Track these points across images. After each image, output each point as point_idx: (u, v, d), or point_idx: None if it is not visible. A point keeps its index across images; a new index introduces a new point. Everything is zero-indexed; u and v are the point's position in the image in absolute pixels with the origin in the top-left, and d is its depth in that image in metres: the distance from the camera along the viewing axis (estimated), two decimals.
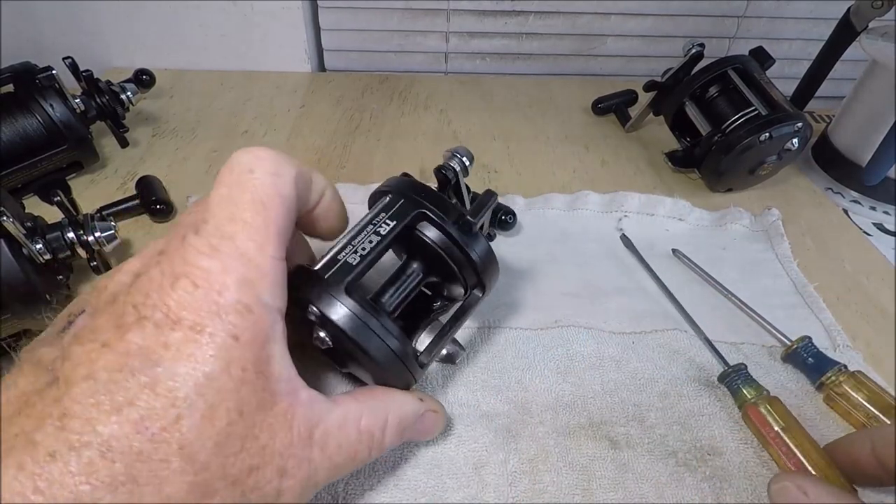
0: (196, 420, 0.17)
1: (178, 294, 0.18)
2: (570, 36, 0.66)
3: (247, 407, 0.18)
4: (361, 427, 0.22)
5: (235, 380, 0.18)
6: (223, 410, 0.18)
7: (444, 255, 0.27)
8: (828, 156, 0.52)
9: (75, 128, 0.43)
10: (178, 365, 0.17)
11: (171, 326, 0.18)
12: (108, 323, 0.18)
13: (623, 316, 0.35)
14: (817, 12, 0.64)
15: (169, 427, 0.17)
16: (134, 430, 0.16)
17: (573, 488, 0.27)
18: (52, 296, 0.31)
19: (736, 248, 0.42)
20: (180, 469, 0.17)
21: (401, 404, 0.25)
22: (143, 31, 0.62)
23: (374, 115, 0.58)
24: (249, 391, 0.18)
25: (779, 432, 0.27)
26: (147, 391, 0.17)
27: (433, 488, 0.26)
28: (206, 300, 0.18)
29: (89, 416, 0.16)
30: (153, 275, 0.19)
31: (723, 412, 0.30)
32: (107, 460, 0.16)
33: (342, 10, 0.63)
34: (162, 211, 0.42)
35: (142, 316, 0.18)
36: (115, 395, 0.17)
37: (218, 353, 0.18)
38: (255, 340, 0.19)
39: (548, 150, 0.53)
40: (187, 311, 0.18)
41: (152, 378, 0.17)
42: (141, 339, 0.17)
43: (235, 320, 0.18)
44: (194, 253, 0.19)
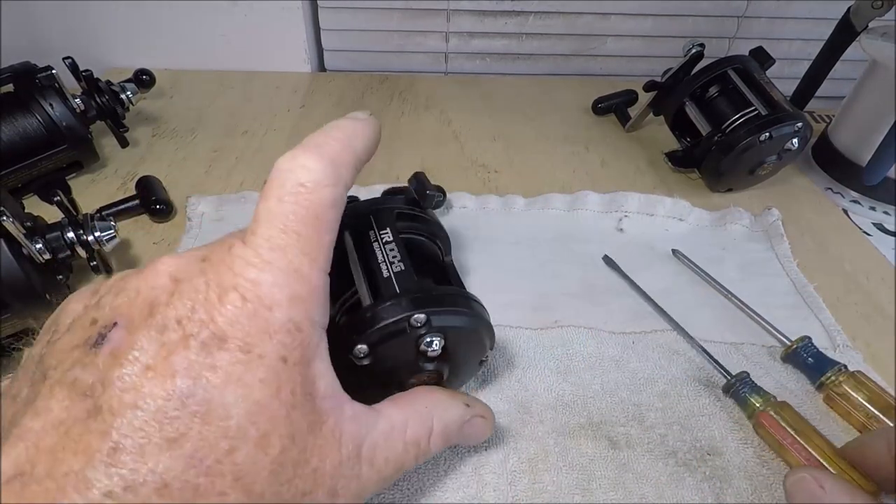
0: (250, 450, 0.16)
1: (227, 309, 0.17)
2: (570, 36, 0.66)
3: (298, 431, 0.18)
4: (408, 437, 0.22)
5: (286, 404, 0.17)
6: (276, 438, 0.17)
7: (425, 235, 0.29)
8: (828, 156, 0.52)
9: (75, 127, 0.43)
10: (228, 391, 0.16)
11: (219, 346, 0.17)
12: (150, 342, 0.16)
13: (623, 316, 0.35)
14: (817, 12, 0.64)
15: (223, 459, 0.16)
16: (188, 465, 0.15)
17: (573, 488, 0.27)
18: (52, 296, 0.31)
19: (736, 248, 0.42)
20: (236, 501, 0.16)
21: (446, 409, 0.24)
22: (143, 31, 0.62)
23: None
24: (299, 415, 0.18)
25: (795, 437, 0.27)
26: (197, 421, 0.16)
27: (432, 487, 0.26)
28: (256, 317, 0.17)
29: (141, 450, 0.15)
30: (198, 284, 0.17)
31: (723, 412, 0.30)
32: (164, 497, 0.15)
33: (342, 10, 0.63)
34: (162, 211, 0.42)
35: (187, 333, 0.17)
36: (166, 426, 0.16)
37: (268, 376, 0.17)
38: (302, 360, 0.18)
39: (548, 150, 0.53)
40: (235, 329, 0.17)
41: (202, 407, 0.16)
42: (187, 361, 0.16)
43: (285, 340, 0.17)
44: (243, 264, 0.18)
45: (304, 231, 0.18)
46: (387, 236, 0.26)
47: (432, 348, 0.23)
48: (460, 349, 0.25)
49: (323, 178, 0.19)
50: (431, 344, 0.23)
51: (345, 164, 0.20)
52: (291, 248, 0.18)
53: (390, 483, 0.22)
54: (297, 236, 0.18)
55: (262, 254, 0.18)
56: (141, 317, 0.17)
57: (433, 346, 0.23)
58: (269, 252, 0.18)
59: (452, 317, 0.24)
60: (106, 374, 0.16)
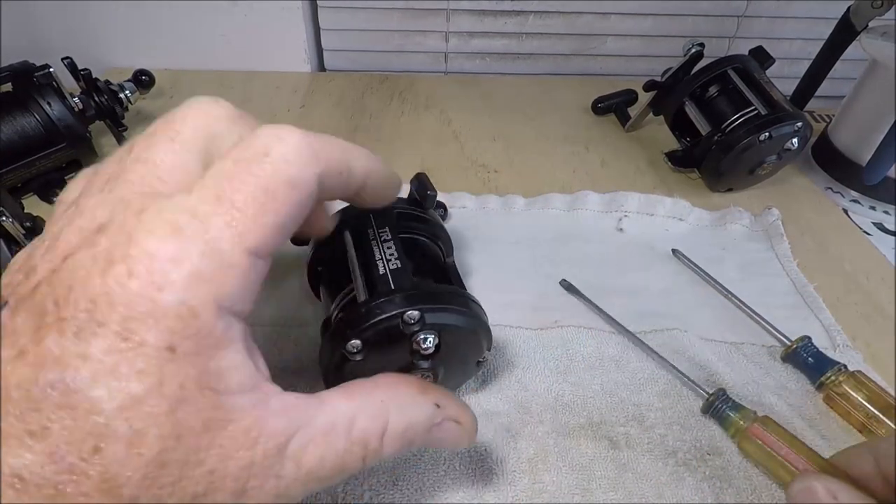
0: (119, 450, 0.14)
1: (108, 286, 0.15)
2: (570, 36, 0.66)
3: (187, 430, 0.15)
4: (353, 434, 0.18)
5: (170, 400, 0.15)
6: (153, 437, 0.15)
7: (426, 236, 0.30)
8: (828, 155, 0.52)
9: (74, 126, 0.43)
10: (99, 383, 0.14)
11: (94, 331, 0.14)
12: (27, 323, 0.15)
13: (623, 316, 0.35)
14: (817, 12, 0.64)
15: (88, 458, 0.14)
16: (49, 461, 0.14)
17: (573, 488, 0.27)
18: None
19: (736, 248, 0.42)
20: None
21: (409, 406, 0.20)
22: (143, 31, 0.62)
23: (373, 115, 0.58)
24: (190, 411, 0.15)
25: (788, 447, 0.26)
26: (62, 414, 0.14)
27: (432, 488, 0.26)
28: (140, 296, 0.15)
29: (0, 441, 0.14)
30: (82, 259, 0.15)
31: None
32: (19, 492, 0.14)
33: (342, 10, 0.63)
34: None
35: (61, 316, 0.15)
36: (27, 418, 0.14)
37: (147, 368, 0.15)
38: (198, 351, 0.15)
39: (548, 150, 0.53)
40: (114, 311, 0.15)
41: (68, 399, 0.14)
42: (58, 346, 0.14)
43: (174, 325, 0.15)
44: (145, 232, 0.15)
45: (243, 203, 0.16)
46: (385, 234, 0.26)
47: (426, 346, 0.23)
48: (455, 348, 0.25)
49: (292, 156, 0.17)
50: (425, 341, 0.23)
51: (330, 160, 0.18)
52: (217, 217, 0.16)
53: (331, 483, 0.19)
54: (231, 206, 0.16)
55: (176, 220, 0.15)
56: (26, 296, 0.15)
57: (427, 344, 0.23)
58: (188, 219, 0.15)
59: (447, 315, 0.24)
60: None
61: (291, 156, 0.17)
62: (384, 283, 0.24)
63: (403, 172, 0.50)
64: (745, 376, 0.32)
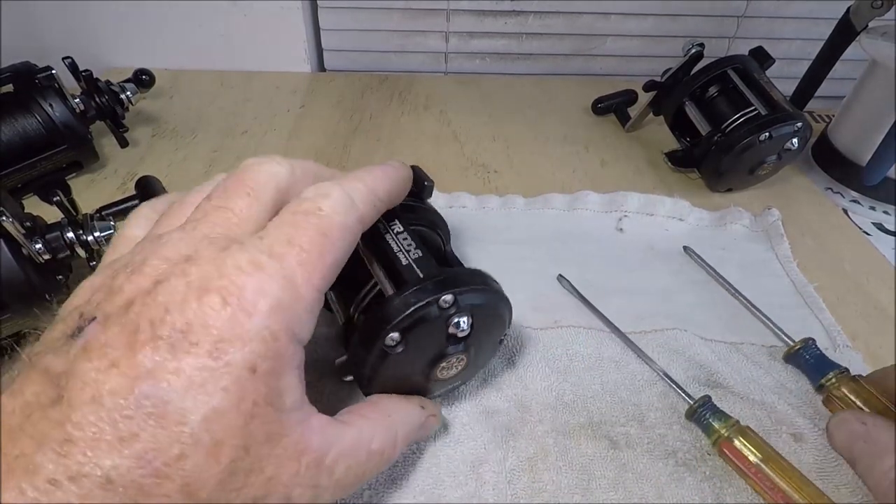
0: (200, 458, 0.16)
1: (203, 310, 0.17)
2: (570, 36, 0.66)
3: (254, 442, 0.17)
4: (373, 447, 0.22)
5: (245, 415, 0.17)
6: (229, 447, 0.17)
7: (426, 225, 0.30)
8: (828, 156, 0.52)
9: (75, 128, 0.43)
10: (188, 396, 0.16)
11: (187, 350, 0.16)
12: (120, 338, 0.17)
13: (623, 316, 0.35)
14: (817, 12, 0.64)
15: (172, 463, 0.16)
16: (136, 465, 0.16)
17: (572, 487, 0.27)
18: (52, 296, 0.31)
19: (736, 248, 0.42)
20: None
21: (407, 415, 0.25)
22: (143, 31, 0.62)
23: (373, 115, 0.58)
24: (258, 425, 0.17)
25: (758, 464, 0.26)
26: (152, 423, 0.16)
27: (431, 486, 0.26)
28: (231, 321, 0.17)
29: (91, 444, 0.15)
30: (177, 286, 0.17)
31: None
32: (107, 492, 0.15)
33: (342, 10, 0.63)
34: None
35: (157, 335, 0.17)
36: (119, 425, 0.16)
37: (231, 385, 0.17)
38: (272, 373, 0.18)
39: (548, 150, 0.53)
40: (207, 333, 0.17)
41: (159, 409, 0.16)
42: (152, 362, 0.16)
43: (258, 349, 0.17)
44: (233, 266, 0.18)
45: (308, 246, 0.19)
46: (397, 227, 0.26)
47: (461, 328, 0.24)
48: (485, 327, 0.26)
49: (339, 207, 0.21)
50: (460, 324, 0.24)
51: (362, 201, 0.22)
52: (290, 257, 0.19)
53: (351, 490, 0.22)
54: (300, 249, 0.19)
55: (257, 258, 0.18)
56: (117, 314, 0.17)
57: (462, 326, 0.24)
58: (267, 258, 0.18)
59: (478, 295, 0.24)
60: (73, 366, 0.16)
61: (339, 207, 0.21)
62: (411, 273, 0.24)
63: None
64: (745, 376, 0.32)
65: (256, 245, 0.19)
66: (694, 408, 0.29)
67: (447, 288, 0.23)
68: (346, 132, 0.55)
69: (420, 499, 0.26)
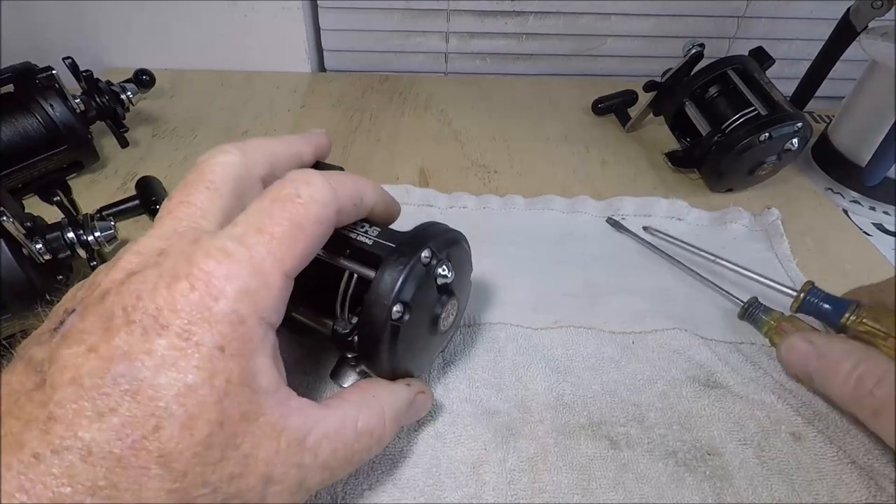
0: (175, 430, 0.17)
1: (173, 296, 0.18)
2: (570, 36, 0.66)
3: (228, 419, 0.18)
4: (360, 428, 0.22)
5: (218, 391, 0.18)
6: (203, 421, 0.18)
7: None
8: (828, 156, 0.52)
9: (75, 128, 0.43)
10: (161, 374, 0.17)
11: (158, 332, 0.18)
12: (96, 325, 0.18)
13: (623, 316, 0.35)
14: (817, 12, 0.64)
15: (148, 435, 0.17)
16: (115, 437, 0.17)
17: (573, 488, 0.27)
18: (52, 296, 0.31)
19: (735, 248, 0.42)
20: (159, 476, 0.17)
21: (392, 394, 0.25)
22: (143, 31, 0.62)
23: (373, 115, 0.58)
24: (232, 402, 0.18)
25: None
26: (128, 398, 0.17)
27: (431, 487, 0.26)
28: (199, 305, 0.18)
29: (72, 420, 0.17)
30: (148, 275, 0.19)
31: (722, 412, 0.30)
32: (87, 464, 0.16)
33: (342, 10, 0.63)
34: None
35: (130, 319, 0.18)
36: (97, 401, 0.17)
37: (202, 363, 0.18)
38: (241, 352, 0.19)
39: (548, 150, 0.53)
40: (177, 316, 0.18)
41: (134, 386, 0.17)
42: (126, 344, 0.17)
43: (225, 330, 0.18)
44: (203, 255, 0.19)
45: (280, 235, 0.20)
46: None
47: (447, 275, 0.25)
48: (460, 266, 0.27)
49: (318, 196, 0.21)
50: (445, 272, 0.25)
51: (347, 197, 0.22)
52: (260, 246, 0.19)
53: (344, 473, 0.23)
54: (271, 237, 0.20)
55: (227, 246, 0.19)
56: (93, 304, 0.19)
57: (446, 273, 0.25)
58: (236, 246, 0.19)
59: (445, 239, 0.25)
60: (54, 353, 0.18)
61: (318, 196, 0.21)
62: (382, 248, 0.24)
63: (403, 172, 0.51)
64: (745, 376, 0.32)
65: (228, 233, 0.20)
66: (745, 307, 0.33)
67: (421, 245, 0.24)
68: (347, 132, 0.55)
69: (420, 499, 0.26)
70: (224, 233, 0.20)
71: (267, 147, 0.24)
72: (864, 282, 0.39)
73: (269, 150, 0.24)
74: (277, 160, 0.25)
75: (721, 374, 0.32)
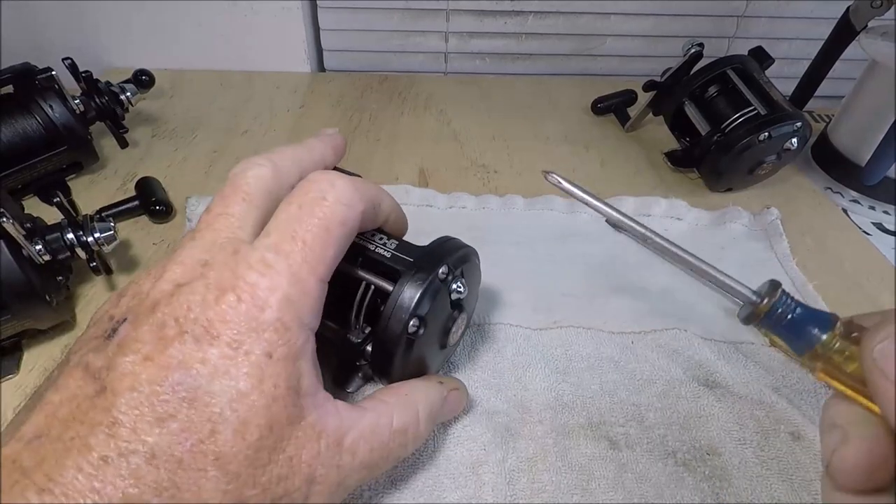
0: (229, 434, 0.18)
1: (222, 308, 0.19)
2: (570, 36, 0.66)
3: (276, 422, 0.19)
4: (395, 426, 0.23)
5: (267, 396, 0.19)
6: (254, 426, 0.19)
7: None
8: (827, 156, 0.52)
9: (75, 129, 0.43)
10: (215, 381, 0.19)
11: (210, 342, 0.19)
12: (150, 335, 0.19)
13: (622, 316, 0.35)
14: (817, 12, 0.64)
15: (205, 439, 0.18)
16: (175, 441, 0.18)
17: (572, 488, 0.27)
18: (52, 297, 0.31)
19: (735, 248, 0.42)
20: (215, 477, 0.18)
21: (426, 392, 0.26)
22: (143, 31, 0.62)
23: (373, 115, 0.58)
24: (280, 407, 0.19)
25: None
26: (186, 405, 0.18)
27: (431, 487, 0.27)
28: (247, 316, 0.19)
29: (135, 425, 0.18)
30: (196, 287, 0.20)
31: (722, 412, 0.30)
32: (152, 466, 0.17)
33: (342, 10, 0.63)
34: (161, 212, 0.42)
35: (182, 330, 0.19)
36: (157, 408, 0.18)
37: (252, 370, 0.19)
38: (287, 358, 0.20)
39: (547, 150, 0.53)
40: (227, 327, 0.19)
41: (190, 393, 0.18)
42: (181, 353, 0.19)
43: (272, 338, 0.19)
44: (245, 267, 0.20)
45: (311, 241, 0.21)
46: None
47: (461, 291, 0.26)
48: (472, 282, 0.28)
49: (343, 197, 0.22)
50: (459, 288, 0.26)
51: (368, 199, 0.23)
52: (295, 254, 0.20)
53: (382, 470, 0.24)
54: (304, 244, 0.21)
55: (266, 257, 0.20)
56: (145, 314, 0.20)
57: (461, 289, 0.26)
58: (274, 256, 0.20)
59: (458, 255, 0.26)
60: (112, 361, 0.19)
61: (343, 197, 0.22)
62: (400, 262, 0.25)
63: (403, 173, 0.51)
64: (745, 375, 0.32)
65: (264, 244, 0.21)
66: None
67: (440, 261, 0.25)
68: (346, 132, 0.55)
69: (419, 499, 0.26)
70: (261, 244, 0.21)
71: (295, 156, 0.25)
72: (863, 281, 0.40)
73: (297, 158, 0.25)
74: (305, 167, 0.25)
75: (720, 374, 0.32)
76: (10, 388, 0.31)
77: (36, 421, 0.18)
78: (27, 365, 0.32)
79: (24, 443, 0.18)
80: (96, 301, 0.36)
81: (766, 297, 0.24)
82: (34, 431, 0.18)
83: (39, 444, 0.18)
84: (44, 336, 0.33)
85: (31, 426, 0.18)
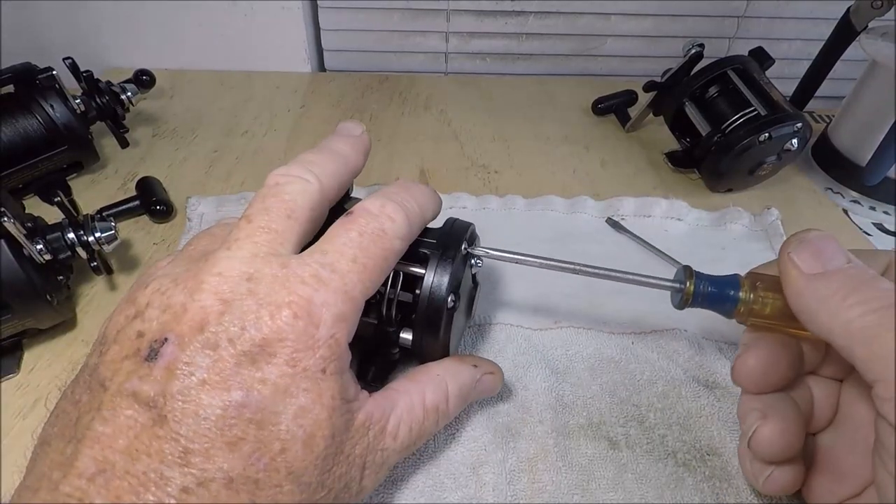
0: (299, 449, 0.19)
1: (278, 325, 0.19)
2: (570, 36, 0.66)
3: (337, 430, 0.20)
4: (427, 405, 0.25)
5: (327, 409, 0.20)
6: (320, 437, 0.20)
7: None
8: (828, 156, 0.52)
9: (75, 128, 0.43)
10: (277, 400, 0.19)
11: (268, 360, 0.19)
12: (203, 357, 0.19)
13: (622, 317, 0.35)
14: (817, 12, 0.64)
15: (276, 457, 0.19)
16: (249, 463, 0.18)
17: (572, 488, 0.27)
18: (53, 296, 0.31)
19: (735, 248, 0.42)
20: (290, 491, 0.19)
21: (457, 372, 0.27)
22: (143, 31, 0.62)
23: (373, 115, 0.58)
24: (338, 416, 0.20)
25: None
26: (253, 427, 0.18)
27: (431, 488, 0.27)
28: (303, 333, 0.19)
29: (208, 452, 0.18)
30: (248, 304, 0.19)
31: (722, 412, 0.30)
32: (231, 490, 0.18)
33: (342, 10, 0.63)
34: (162, 212, 0.42)
35: (238, 351, 0.19)
36: (226, 433, 0.18)
37: (310, 386, 0.19)
38: (338, 370, 0.21)
39: (548, 150, 0.53)
40: (283, 345, 0.19)
41: (256, 415, 0.18)
42: (239, 375, 0.19)
43: (326, 353, 0.20)
44: (298, 281, 0.20)
45: (371, 266, 0.22)
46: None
47: (479, 264, 0.28)
48: None
49: (400, 233, 0.23)
50: (479, 262, 0.28)
51: (416, 224, 0.25)
52: (352, 274, 0.21)
53: (417, 447, 0.25)
54: (363, 267, 0.21)
55: (320, 273, 0.20)
56: (191, 334, 0.19)
57: (479, 263, 0.28)
58: (329, 274, 0.21)
59: (472, 232, 0.28)
60: (165, 387, 0.18)
61: (400, 233, 0.23)
62: (426, 245, 0.27)
63: (403, 172, 0.51)
64: None
65: (318, 260, 0.21)
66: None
67: (460, 240, 0.27)
68: None
69: (420, 499, 0.26)
70: (314, 259, 0.21)
71: (337, 173, 0.25)
72: None
73: (339, 174, 0.25)
74: (344, 182, 0.26)
75: (721, 374, 0.32)
76: (10, 388, 0.31)
77: (91, 455, 0.18)
78: (27, 364, 0.32)
79: (86, 479, 0.17)
80: (97, 300, 0.36)
81: (687, 281, 0.27)
82: (94, 466, 0.17)
83: (107, 480, 0.17)
84: (44, 335, 0.33)
85: (88, 460, 0.18)
